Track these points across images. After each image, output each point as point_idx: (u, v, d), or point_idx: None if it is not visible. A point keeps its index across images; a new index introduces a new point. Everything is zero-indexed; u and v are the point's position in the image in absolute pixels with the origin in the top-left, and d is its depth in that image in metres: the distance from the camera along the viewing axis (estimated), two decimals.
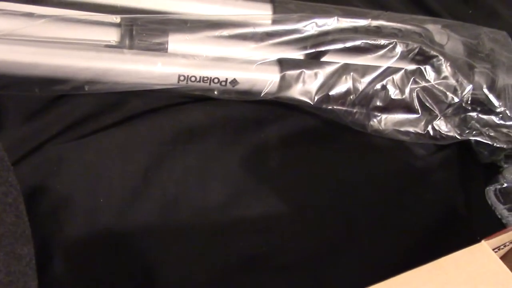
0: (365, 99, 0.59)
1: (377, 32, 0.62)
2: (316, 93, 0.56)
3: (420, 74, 0.60)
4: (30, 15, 0.53)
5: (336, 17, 0.57)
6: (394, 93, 0.60)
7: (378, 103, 0.60)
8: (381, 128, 0.61)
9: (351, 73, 0.57)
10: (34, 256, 0.39)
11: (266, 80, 0.55)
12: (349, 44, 0.58)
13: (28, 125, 0.54)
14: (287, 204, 0.56)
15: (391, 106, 0.61)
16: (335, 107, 0.58)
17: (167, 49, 0.55)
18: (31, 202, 0.48)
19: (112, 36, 0.54)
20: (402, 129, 0.62)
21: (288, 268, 0.53)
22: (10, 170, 0.41)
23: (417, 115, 0.61)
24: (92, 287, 0.49)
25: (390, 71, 0.60)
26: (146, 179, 0.54)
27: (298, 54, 0.57)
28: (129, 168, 0.54)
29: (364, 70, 0.58)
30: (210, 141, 0.57)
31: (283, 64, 0.56)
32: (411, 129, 0.62)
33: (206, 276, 0.51)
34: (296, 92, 0.56)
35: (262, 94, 0.56)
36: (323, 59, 0.57)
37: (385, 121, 0.61)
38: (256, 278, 0.52)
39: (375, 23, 0.62)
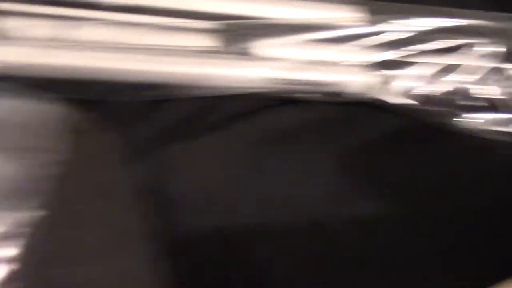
0: (461, 99, 0.58)
1: (471, 31, 0.60)
2: (412, 94, 0.55)
3: None
4: (127, 24, 0.55)
5: (432, 17, 0.56)
6: (488, 93, 0.58)
7: (473, 103, 0.58)
8: (477, 128, 0.59)
9: (449, 73, 0.56)
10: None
11: (361, 81, 0.55)
12: (445, 44, 0.57)
13: (132, 130, 0.56)
14: (386, 207, 0.55)
15: (487, 105, 0.59)
16: (431, 108, 0.57)
17: (259, 53, 0.56)
18: (144, 203, 0.51)
19: (206, 41, 0.55)
20: (498, 129, 0.60)
21: (386, 272, 0.52)
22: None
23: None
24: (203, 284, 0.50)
25: (485, 70, 0.58)
26: (247, 179, 0.55)
27: (393, 55, 0.56)
28: (231, 169, 0.55)
29: (461, 69, 0.57)
30: (306, 143, 0.58)
31: (379, 65, 0.55)
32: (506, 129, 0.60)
33: (311, 275, 0.52)
34: (392, 93, 0.55)
35: (356, 96, 0.55)
36: (419, 59, 0.56)
37: (480, 121, 0.60)
38: (357, 280, 0.52)
39: (469, 22, 0.60)
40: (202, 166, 0.56)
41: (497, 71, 0.58)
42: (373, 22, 0.57)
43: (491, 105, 0.60)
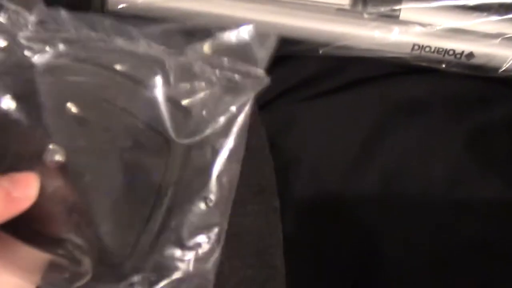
0: None
1: None
2: None
3: None
4: None
5: None
6: None
7: None
8: None
9: None
10: None
11: (507, 56, 0.51)
12: None
13: None
14: (510, 194, 0.52)
15: None
16: None
17: (399, 16, 0.53)
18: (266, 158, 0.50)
19: (344, 0, 0.53)
20: None
21: (501, 262, 0.50)
22: (261, 125, 0.42)
23: None
24: (314, 247, 0.49)
25: None
26: (368, 148, 0.53)
27: None
28: (352, 135, 0.53)
29: None
30: (432, 116, 0.55)
31: None
32: None
33: (427, 256, 0.50)
34: None
35: (499, 71, 0.52)
36: None
37: None
38: (476, 265, 0.50)
39: None
40: (323, 127, 0.54)
41: None
42: None
43: None
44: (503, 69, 0.52)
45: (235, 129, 0.30)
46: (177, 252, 0.29)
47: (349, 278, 0.49)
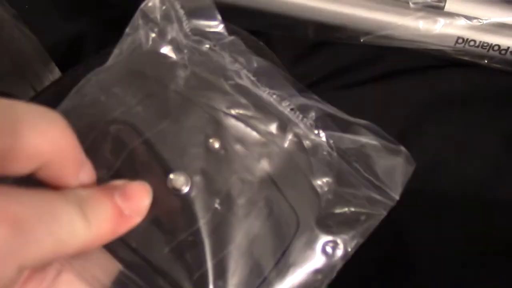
0: None
1: None
2: None
3: None
4: None
5: None
6: None
7: None
8: None
9: None
10: None
11: None
12: None
13: (292, 70, 0.54)
14: None
15: None
16: None
17: (444, 7, 0.52)
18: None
19: None
20: None
21: None
22: None
23: None
24: None
25: None
26: (404, 140, 0.52)
27: None
28: (388, 126, 0.52)
29: None
30: (470, 111, 0.54)
31: None
32: None
33: (457, 253, 0.49)
34: None
35: None
36: None
37: None
38: (506, 267, 0.49)
39: None
40: (360, 117, 0.53)
41: None
42: None
43: None
44: None
45: None
46: None
47: (379, 273, 0.49)
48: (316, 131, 0.31)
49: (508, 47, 0.50)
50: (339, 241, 0.29)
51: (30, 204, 0.21)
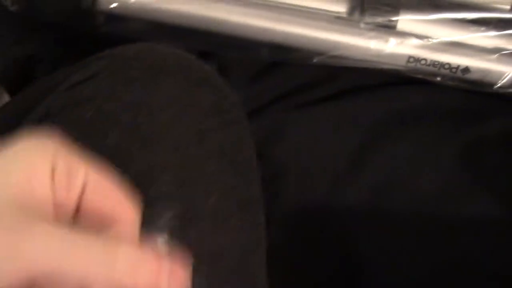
0: None
1: None
2: None
3: None
4: None
5: None
6: None
7: None
8: None
9: None
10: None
11: (504, 72, 0.51)
12: None
13: (245, 90, 0.54)
14: (503, 209, 0.52)
15: None
16: None
17: (396, 27, 0.52)
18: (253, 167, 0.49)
19: (342, 7, 0.52)
20: None
21: (499, 278, 0.49)
22: (250, 137, 0.41)
23: None
24: (303, 256, 0.49)
25: None
26: (358, 159, 0.52)
27: None
28: (341, 146, 0.53)
29: None
30: (425, 129, 0.54)
31: None
32: None
33: (413, 274, 0.49)
34: None
35: (495, 87, 0.51)
36: None
37: None
38: (466, 284, 0.49)
39: None
40: (314, 136, 0.53)
41: None
42: None
43: None
44: (498, 85, 0.51)
45: None
46: None
47: None
48: None
49: (458, 66, 0.51)
50: None
51: None
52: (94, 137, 0.32)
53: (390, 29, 0.51)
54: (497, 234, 0.51)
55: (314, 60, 0.51)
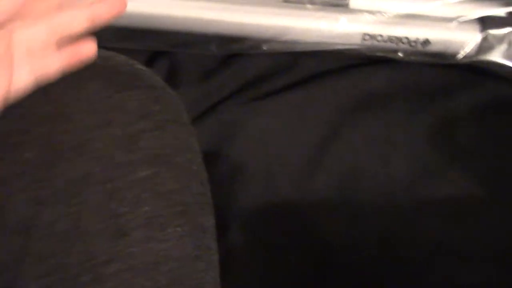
0: None
1: None
2: None
3: None
4: None
5: None
6: None
7: None
8: None
9: None
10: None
11: (464, 40, 0.48)
12: None
13: (201, 86, 0.51)
14: (477, 187, 0.49)
15: None
16: None
17: (348, 4, 0.50)
18: (206, 167, 0.46)
19: None
20: None
21: (476, 259, 0.47)
22: (194, 135, 0.38)
23: None
24: (266, 257, 0.46)
25: None
26: (323, 147, 0.50)
27: (503, 11, 0.49)
28: (305, 135, 0.50)
29: None
30: (392, 109, 0.51)
31: (486, 22, 0.48)
32: None
33: (385, 258, 0.47)
34: (499, 55, 0.48)
35: (457, 57, 0.49)
36: None
37: None
38: (442, 266, 0.47)
39: None
40: (273, 129, 0.51)
41: None
42: None
43: None
44: (461, 54, 0.48)
45: None
46: None
47: (301, 280, 0.46)
48: None
49: (417, 38, 0.48)
50: None
51: None
52: (10, 152, 0.30)
53: (341, 7, 0.49)
54: (475, 215, 0.48)
55: (264, 48, 0.48)
